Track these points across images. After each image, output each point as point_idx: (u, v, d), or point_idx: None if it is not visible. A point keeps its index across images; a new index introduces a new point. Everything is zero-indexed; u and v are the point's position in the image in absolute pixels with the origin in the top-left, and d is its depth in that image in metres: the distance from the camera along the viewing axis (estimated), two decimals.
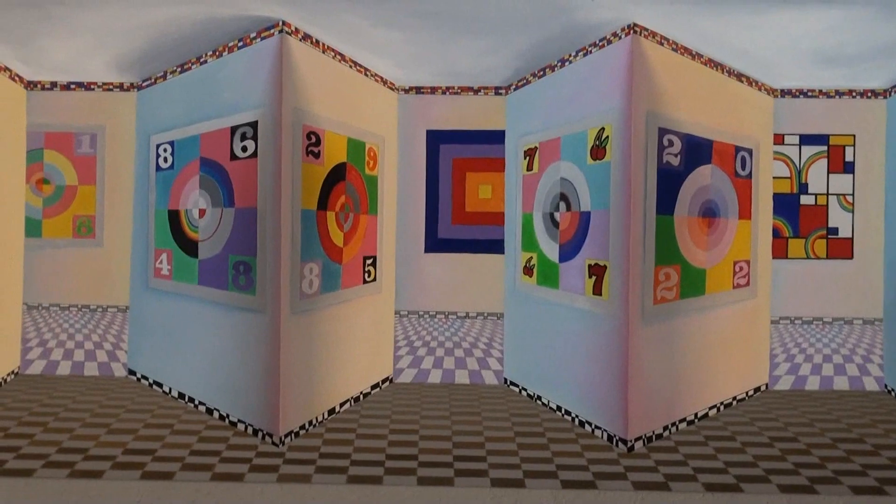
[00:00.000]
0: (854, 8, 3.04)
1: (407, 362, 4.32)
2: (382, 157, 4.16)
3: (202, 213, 3.73)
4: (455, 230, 4.34)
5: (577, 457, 3.12)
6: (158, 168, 4.11)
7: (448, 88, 4.35)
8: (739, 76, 3.91)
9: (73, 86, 4.40)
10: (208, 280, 3.67)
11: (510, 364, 4.26)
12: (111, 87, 4.40)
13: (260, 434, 3.31)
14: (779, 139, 4.25)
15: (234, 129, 3.51)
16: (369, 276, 4.01)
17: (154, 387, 4.10)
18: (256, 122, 3.37)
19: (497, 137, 4.30)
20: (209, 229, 3.67)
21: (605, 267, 3.34)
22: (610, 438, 3.30)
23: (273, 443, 3.23)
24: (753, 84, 4.04)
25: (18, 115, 4.37)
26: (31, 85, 4.40)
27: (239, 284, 3.47)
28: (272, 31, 3.32)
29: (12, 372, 4.31)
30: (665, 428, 3.41)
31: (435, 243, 4.35)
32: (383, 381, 4.23)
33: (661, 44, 3.40)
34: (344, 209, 3.75)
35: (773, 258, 4.22)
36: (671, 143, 3.41)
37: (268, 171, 3.31)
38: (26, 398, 3.89)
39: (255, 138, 3.38)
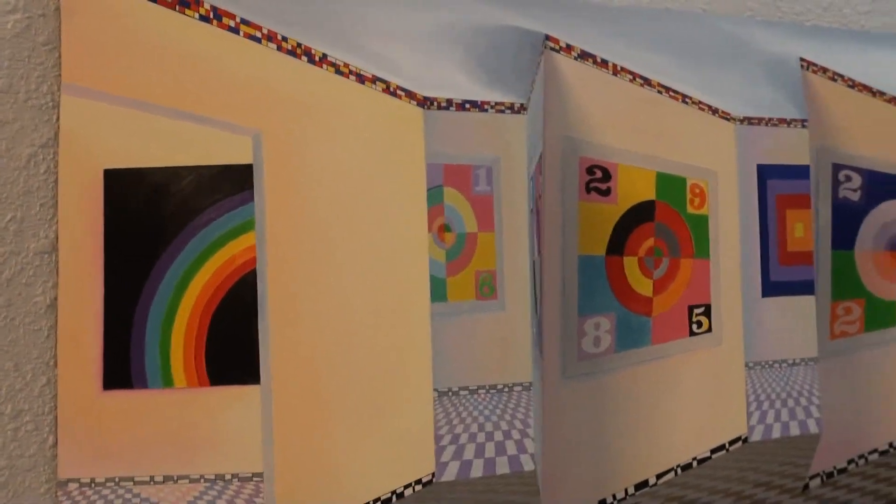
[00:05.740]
0: None
1: (756, 419, 3.99)
2: (715, 194, 4.02)
3: None
4: (783, 272, 4.14)
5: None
6: None
7: (768, 119, 4.19)
8: None
9: (467, 105, 3.90)
10: None
11: None
12: (503, 107, 3.94)
13: None
14: None
15: (540, 159, 3.40)
16: (700, 326, 3.87)
17: None
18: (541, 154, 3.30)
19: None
20: None
21: None
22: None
23: None
24: None
25: (415, 143, 3.99)
26: (426, 102, 3.84)
27: (539, 346, 3.29)
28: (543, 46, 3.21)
29: (418, 481, 3.69)
30: (850, 461, 3.33)
31: (769, 286, 4.15)
32: (731, 443, 3.93)
33: (834, 80, 3.38)
34: (653, 253, 3.61)
35: None
36: (849, 179, 3.45)
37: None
38: None
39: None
